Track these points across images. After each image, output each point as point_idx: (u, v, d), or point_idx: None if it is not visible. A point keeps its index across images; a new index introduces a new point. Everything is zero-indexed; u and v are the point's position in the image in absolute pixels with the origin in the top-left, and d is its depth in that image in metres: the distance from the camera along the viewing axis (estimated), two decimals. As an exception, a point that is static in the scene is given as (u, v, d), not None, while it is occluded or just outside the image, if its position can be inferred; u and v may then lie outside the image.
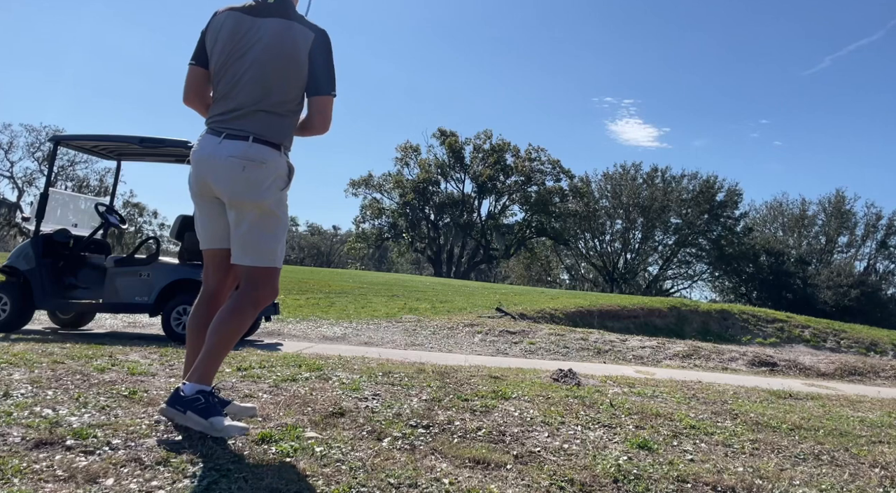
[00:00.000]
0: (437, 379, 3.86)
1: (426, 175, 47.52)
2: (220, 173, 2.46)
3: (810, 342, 13.03)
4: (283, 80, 2.50)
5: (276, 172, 2.50)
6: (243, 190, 2.46)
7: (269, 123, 2.50)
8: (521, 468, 2.26)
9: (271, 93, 2.50)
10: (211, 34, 2.58)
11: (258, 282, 2.51)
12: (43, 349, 4.14)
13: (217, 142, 2.48)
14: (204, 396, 2.34)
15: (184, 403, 2.33)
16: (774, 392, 4.86)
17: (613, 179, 46.27)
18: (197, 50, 2.62)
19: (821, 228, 45.18)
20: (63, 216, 7.57)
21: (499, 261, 50.80)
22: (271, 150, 2.48)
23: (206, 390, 2.36)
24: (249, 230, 2.49)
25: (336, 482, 1.97)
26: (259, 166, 2.45)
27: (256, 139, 2.46)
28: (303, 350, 6.28)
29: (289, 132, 2.56)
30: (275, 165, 2.49)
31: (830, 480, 2.48)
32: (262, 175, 2.46)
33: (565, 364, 5.56)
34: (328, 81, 2.54)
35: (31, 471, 1.88)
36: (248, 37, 2.52)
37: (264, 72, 2.49)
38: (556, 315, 12.01)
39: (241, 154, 2.44)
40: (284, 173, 2.54)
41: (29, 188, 41.33)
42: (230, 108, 2.51)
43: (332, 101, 2.56)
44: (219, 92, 2.56)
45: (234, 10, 2.58)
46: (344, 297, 13.02)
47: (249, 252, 2.50)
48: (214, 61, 2.57)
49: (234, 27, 2.55)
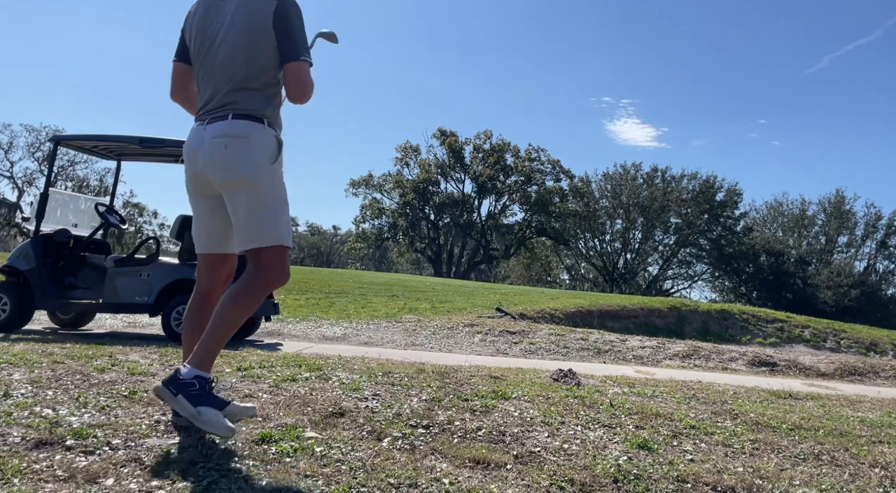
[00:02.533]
0: (437, 379, 3.86)
1: (426, 175, 47.52)
2: (206, 158, 2.42)
3: (810, 342, 13.03)
4: (251, 54, 2.44)
5: (263, 145, 2.42)
6: (230, 168, 2.39)
7: (246, 98, 2.44)
8: (521, 468, 2.26)
9: (243, 69, 2.44)
10: (186, 27, 2.60)
11: (265, 264, 2.42)
12: (43, 349, 4.13)
13: (202, 130, 2.46)
14: (200, 382, 2.25)
15: (178, 385, 2.23)
16: (774, 392, 4.86)
17: (613, 179, 46.27)
18: (178, 46, 2.64)
19: (821, 229, 45.18)
20: (63, 216, 7.57)
21: (499, 261, 50.79)
22: (254, 123, 2.42)
23: (203, 377, 2.27)
24: (247, 213, 2.40)
25: (336, 482, 1.97)
26: (241, 141, 2.39)
27: (236, 115, 2.41)
28: (303, 350, 6.28)
29: (269, 104, 2.47)
30: (260, 139, 2.41)
31: (830, 480, 2.48)
32: (247, 150, 2.39)
33: (565, 364, 5.56)
34: (296, 47, 2.43)
35: (31, 471, 1.88)
36: (217, 21, 2.51)
37: (234, 50, 2.46)
38: (556, 315, 12.01)
39: (223, 133, 2.40)
40: (273, 146, 2.44)
41: (29, 188, 41.37)
42: (209, 94, 2.49)
43: (304, 66, 2.43)
44: (200, 82, 2.55)
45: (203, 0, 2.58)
46: (344, 297, 13.02)
47: (252, 235, 2.41)
48: (193, 53, 2.57)
49: (203, 15, 2.55)
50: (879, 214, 43.22)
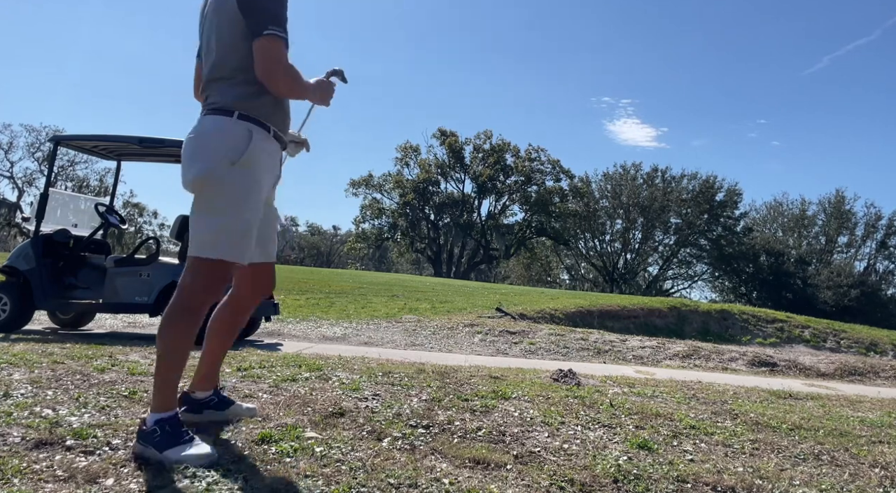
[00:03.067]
0: (437, 379, 3.86)
1: (426, 175, 47.53)
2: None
3: (810, 342, 13.03)
4: (220, 36, 2.25)
5: (224, 142, 2.18)
6: (185, 170, 2.21)
7: (216, 90, 2.26)
8: (521, 468, 2.26)
9: (213, 54, 2.28)
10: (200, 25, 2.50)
11: (193, 276, 2.16)
12: (43, 349, 4.13)
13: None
14: (160, 425, 2.09)
15: (144, 436, 2.08)
16: (774, 392, 4.86)
17: (613, 179, 46.28)
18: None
19: (821, 229, 45.18)
20: (63, 216, 7.57)
21: (499, 261, 50.80)
22: (221, 118, 2.21)
23: (163, 419, 2.10)
24: (194, 217, 2.21)
25: (336, 482, 1.97)
26: (201, 139, 2.21)
27: (207, 112, 2.26)
28: (303, 350, 6.28)
29: (241, 92, 2.23)
30: (222, 134, 2.19)
31: (830, 480, 2.48)
32: (203, 145, 2.19)
33: (565, 364, 5.56)
34: (260, 21, 2.16)
35: (31, 471, 1.88)
36: (205, 10, 2.37)
37: (209, 36, 2.30)
38: (556, 315, 12.01)
39: (190, 133, 2.25)
40: (237, 142, 2.18)
41: (29, 188, 41.39)
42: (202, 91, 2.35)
43: (268, 42, 2.15)
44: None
45: None
46: (344, 297, 13.02)
47: (192, 242, 2.21)
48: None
49: (202, 8, 2.42)
50: (879, 214, 43.30)
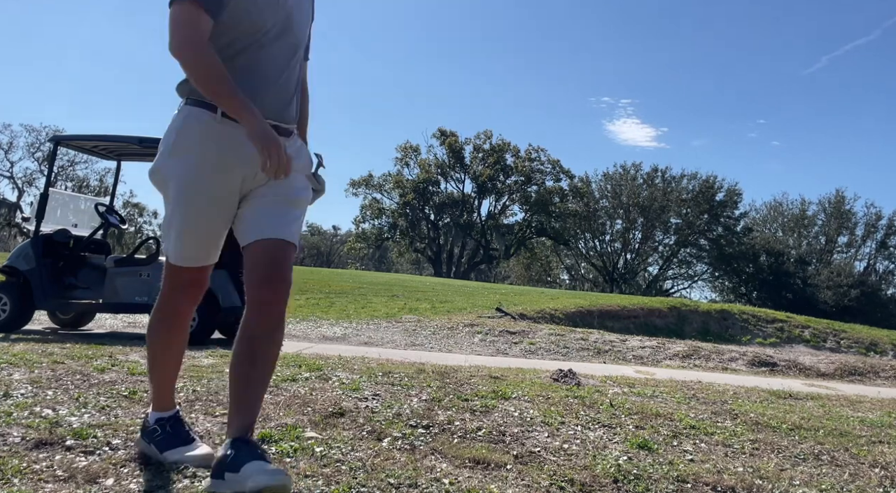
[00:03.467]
0: (437, 379, 3.86)
1: (426, 175, 47.50)
2: None
3: (810, 342, 13.03)
4: None
5: (168, 132, 2.00)
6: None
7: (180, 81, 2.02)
8: (521, 468, 2.26)
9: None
10: None
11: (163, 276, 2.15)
12: (43, 349, 4.14)
13: None
14: (161, 425, 2.11)
15: (146, 434, 2.12)
16: (774, 392, 4.86)
17: (613, 179, 46.24)
18: None
19: (821, 229, 45.14)
20: (63, 216, 7.57)
21: (499, 261, 50.78)
22: (180, 108, 2.01)
23: (163, 418, 2.13)
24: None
25: (336, 482, 1.97)
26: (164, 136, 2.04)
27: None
28: (303, 350, 6.28)
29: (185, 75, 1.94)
30: (170, 125, 2.01)
31: (830, 480, 2.48)
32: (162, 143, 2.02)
33: (565, 364, 5.56)
34: None
35: (31, 471, 1.88)
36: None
37: None
38: (556, 315, 12.01)
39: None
40: (172, 131, 1.99)
41: (29, 188, 41.35)
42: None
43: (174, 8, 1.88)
44: None
45: None
46: (344, 297, 13.02)
47: None
48: None
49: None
50: (879, 214, 43.23)
